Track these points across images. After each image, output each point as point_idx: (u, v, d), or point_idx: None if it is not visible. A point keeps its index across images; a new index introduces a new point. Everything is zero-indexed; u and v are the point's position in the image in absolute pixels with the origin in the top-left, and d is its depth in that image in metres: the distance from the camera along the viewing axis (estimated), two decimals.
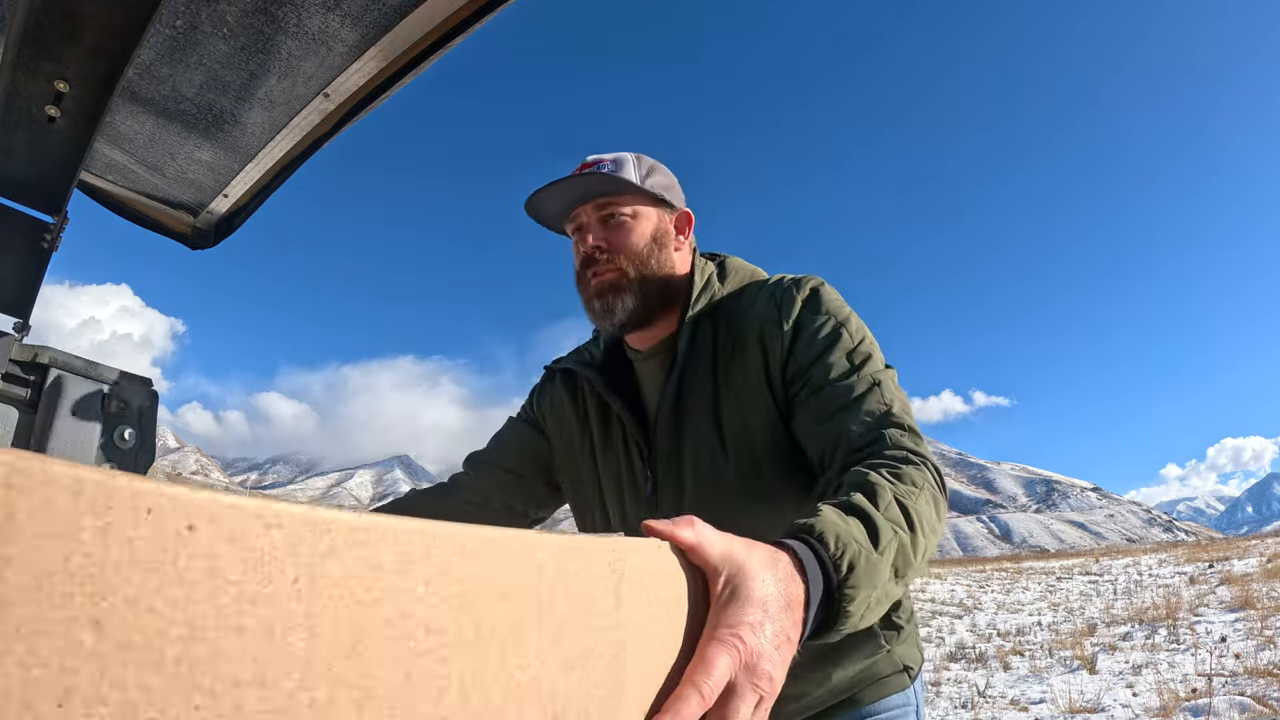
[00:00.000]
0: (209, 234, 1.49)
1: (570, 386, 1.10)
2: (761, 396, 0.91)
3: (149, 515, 0.20)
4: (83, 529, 0.19)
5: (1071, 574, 18.77)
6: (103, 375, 0.97)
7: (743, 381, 0.92)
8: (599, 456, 1.04)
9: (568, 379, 1.11)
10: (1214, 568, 14.34)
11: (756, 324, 0.94)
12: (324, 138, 1.18)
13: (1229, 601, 9.46)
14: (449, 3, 0.94)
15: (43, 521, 0.18)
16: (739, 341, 0.94)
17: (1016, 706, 5.47)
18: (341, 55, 1.01)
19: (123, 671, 0.19)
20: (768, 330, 0.92)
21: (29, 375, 0.94)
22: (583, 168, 1.00)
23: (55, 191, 1.04)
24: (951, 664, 7.46)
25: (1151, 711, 4.91)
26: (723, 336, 0.96)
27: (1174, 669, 6.07)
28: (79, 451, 0.93)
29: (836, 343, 0.89)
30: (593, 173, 0.96)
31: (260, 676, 0.21)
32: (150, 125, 1.17)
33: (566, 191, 0.97)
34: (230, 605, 0.21)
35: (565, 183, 0.96)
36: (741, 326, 0.95)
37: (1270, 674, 5.20)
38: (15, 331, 1.05)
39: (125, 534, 0.19)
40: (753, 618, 0.43)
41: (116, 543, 0.19)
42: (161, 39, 0.96)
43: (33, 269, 1.12)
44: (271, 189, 1.35)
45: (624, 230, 0.98)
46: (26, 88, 0.83)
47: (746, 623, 0.43)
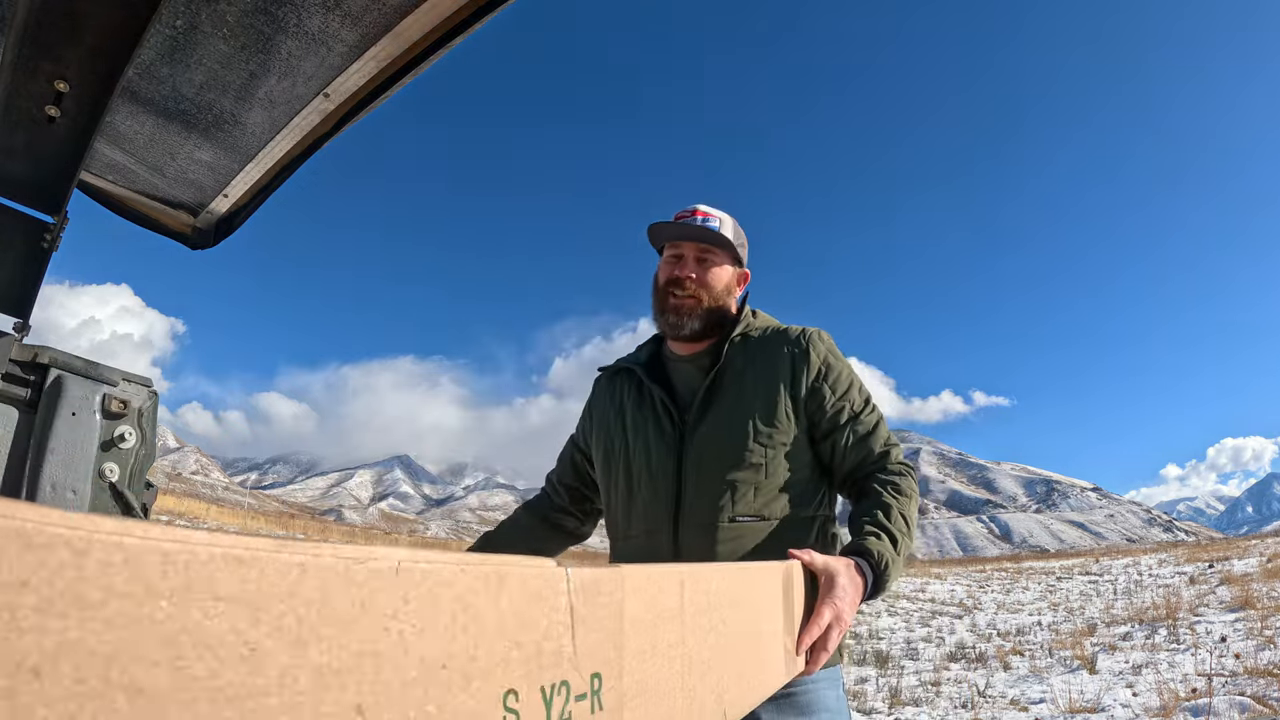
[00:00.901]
0: (209, 234, 1.49)
1: (613, 380, 1.47)
2: (779, 399, 1.26)
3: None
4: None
5: (1071, 574, 18.77)
6: (103, 375, 0.97)
7: (766, 389, 1.26)
8: (629, 427, 1.36)
9: (612, 375, 1.48)
10: (1214, 568, 14.34)
11: (787, 352, 1.30)
12: (324, 138, 1.18)
13: (1229, 601, 9.46)
14: (449, 3, 0.94)
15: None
16: (768, 361, 1.29)
17: (1016, 706, 5.47)
18: (341, 55, 1.01)
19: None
20: (797, 359, 1.29)
21: (29, 375, 0.94)
22: (695, 213, 1.35)
23: (55, 191, 1.04)
24: (951, 664, 7.46)
25: (1151, 711, 4.91)
26: (751, 357, 1.31)
27: (1174, 669, 6.07)
28: (79, 451, 0.93)
29: (851, 386, 1.30)
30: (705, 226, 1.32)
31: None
32: (150, 125, 1.17)
33: (686, 230, 1.32)
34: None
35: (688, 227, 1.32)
36: (772, 353, 1.31)
37: (1270, 674, 5.20)
38: (15, 331, 1.05)
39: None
40: (840, 593, 0.95)
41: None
42: (161, 39, 0.95)
43: (33, 269, 1.12)
44: (271, 189, 1.35)
45: (711, 273, 1.34)
46: (26, 88, 0.83)
47: (837, 595, 0.95)
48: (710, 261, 1.34)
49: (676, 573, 0.55)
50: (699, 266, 1.33)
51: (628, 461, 1.33)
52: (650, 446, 1.30)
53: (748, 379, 1.28)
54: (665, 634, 0.52)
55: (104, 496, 0.96)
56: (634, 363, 1.43)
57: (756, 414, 1.25)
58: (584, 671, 0.42)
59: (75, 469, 0.92)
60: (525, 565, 0.39)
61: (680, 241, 1.34)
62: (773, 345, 1.32)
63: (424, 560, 0.32)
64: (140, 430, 1.00)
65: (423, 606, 0.32)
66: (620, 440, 1.36)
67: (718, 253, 1.34)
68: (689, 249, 1.34)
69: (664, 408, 1.31)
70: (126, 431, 0.98)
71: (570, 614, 0.41)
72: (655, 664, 0.50)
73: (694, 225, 1.32)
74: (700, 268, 1.33)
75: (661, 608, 0.52)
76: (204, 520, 18.38)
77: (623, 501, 1.33)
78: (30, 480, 0.89)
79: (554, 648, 0.40)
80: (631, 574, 0.48)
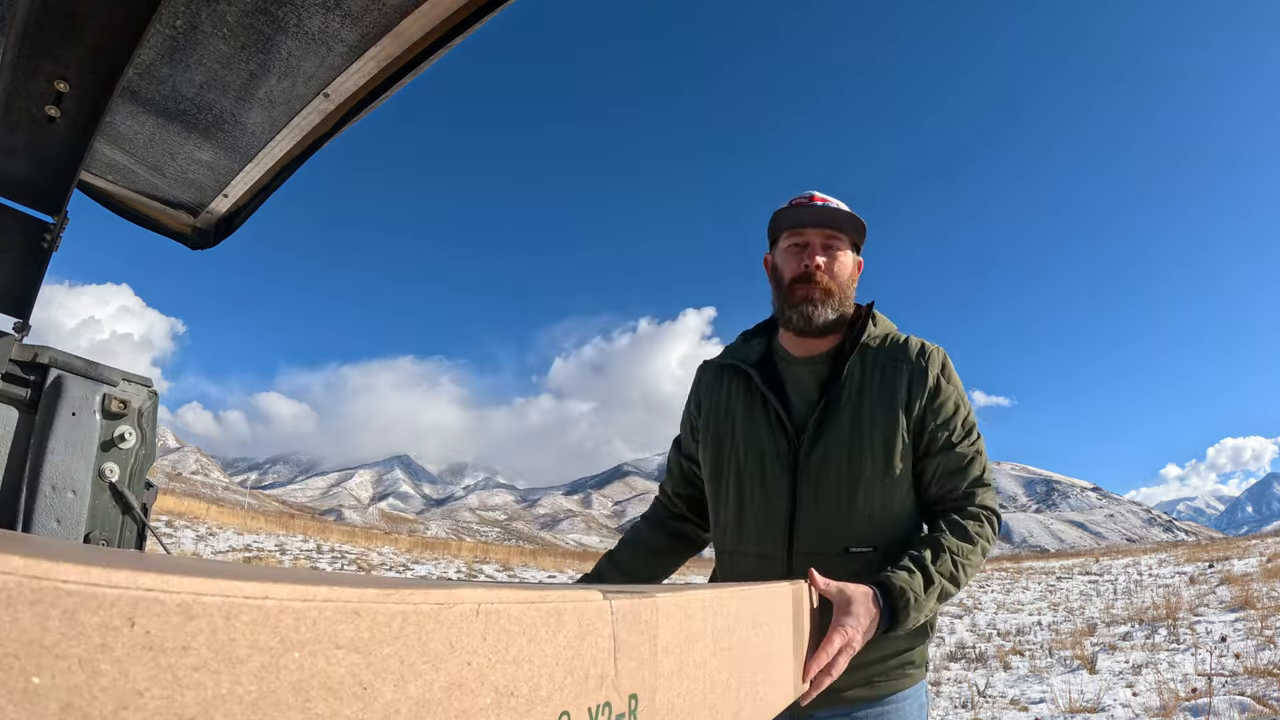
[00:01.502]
0: (209, 234, 1.49)
1: (719, 375, 1.39)
2: (896, 423, 1.19)
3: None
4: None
5: (1071, 574, 18.77)
6: (103, 375, 0.97)
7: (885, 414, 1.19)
8: (739, 433, 1.30)
9: (719, 370, 1.40)
10: (1214, 567, 14.34)
11: (905, 371, 1.22)
12: (324, 138, 1.18)
13: (1229, 601, 9.46)
14: (449, 3, 0.94)
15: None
16: (887, 381, 1.22)
17: (1016, 706, 5.47)
18: (341, 55, 1.01)
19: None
20: (914, 379, 1.21)
21: (29, 375, 0.94)
22: (814, 199, 1.27)
23: (55, 191, 1.04)
24: (951, 664, 7.46)
25: (1151, 711, 4.91)
26: (869, 372, 1.23)
27: (1174, 669, 6.07)
28: (79, 451, 0.93)
29: (957, 412, 1.21)
30: (831, 211, 1.24)
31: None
32: (150, 125, 1.17)
33: (809, 215, 1.25)
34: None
35: (816, 208, 1.24)
36: (892, 370, 1.23)
37: (1270, 674, 5.20)
38: (15, 331, 1.05)
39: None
40: (852, 621, 0.96)
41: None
42: (161, 39, 0.95)
43: (33, 269, 1.12)
44: (271, 189, 1.35)
45: (838, 262, 1.26)
46: (26, 88, 0.83)
47: (850, 622, 0.96)
48: (835, 248, 1.26)
49: (700, 599, 0.60)
50: (825, 254, 1.25)
51: (739, 472, 1.28)
52: (764, 460, 1.24)
53: (865, 399, 1.21)
54: (691, 656, 0.57)
55: (104, 496, 0.96)
56: (745, 362, 1.34)
57: (875, 440, 1.18)
58: (624, 693, 0.47)
59: (75, 469, 0.92)
60: (579, 601, 0.44)
61: (804, 228, 1.26)
62: (892, 361, 1.24)
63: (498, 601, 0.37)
64: (140, 430, 1.00)
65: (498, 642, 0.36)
66: (730, 446, 1.30)
67: (841, 238, 1.27)
68: (814, 235, 1.26)
69: (778, 419, 1.25)
70: (126, 431, 0.98)
71: (614, 641, 0.46)
72: (683, 684, 0.55)
73: (816, 209, 1.25)
74: (827, 255, 1.25)
75: (688, 631, 0.57)
76: (203, 520, 18.39)
77: (733, 515, 1.28)
78: (30, 480, 0.89)
79: (599, 672, 0.45)
80: (664, 603, 0.53)
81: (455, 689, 0.34)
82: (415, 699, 0.31)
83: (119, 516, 0.97)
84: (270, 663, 0.26)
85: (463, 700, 0.34)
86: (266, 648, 0.26)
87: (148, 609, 0.22)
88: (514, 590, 0.39)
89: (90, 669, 0.21)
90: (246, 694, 0.25)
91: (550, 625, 0.40)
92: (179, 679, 0.23)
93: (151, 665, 0.23)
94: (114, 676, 0.22)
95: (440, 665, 0.33)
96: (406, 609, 0.32)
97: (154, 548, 1.95)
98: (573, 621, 0.42)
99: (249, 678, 0.25)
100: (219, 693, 0.24)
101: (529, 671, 0.38)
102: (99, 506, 0.95)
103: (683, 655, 0.55)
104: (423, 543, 25.44)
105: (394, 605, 0.31)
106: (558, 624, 0.41)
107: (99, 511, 0.95)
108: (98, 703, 0.21)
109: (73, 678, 0.21)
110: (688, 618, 0.57)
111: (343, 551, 17.15)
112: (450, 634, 0.34)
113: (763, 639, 0.74)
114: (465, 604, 0.35)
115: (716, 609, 0.62)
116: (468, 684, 0.34)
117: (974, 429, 1.23)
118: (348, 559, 15.91)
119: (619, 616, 0.47)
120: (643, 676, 0.49)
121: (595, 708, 0.43)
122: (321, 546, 17.49)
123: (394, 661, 0.31)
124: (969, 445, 1.21)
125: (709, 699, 0.59)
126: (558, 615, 0.41)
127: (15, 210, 1.06)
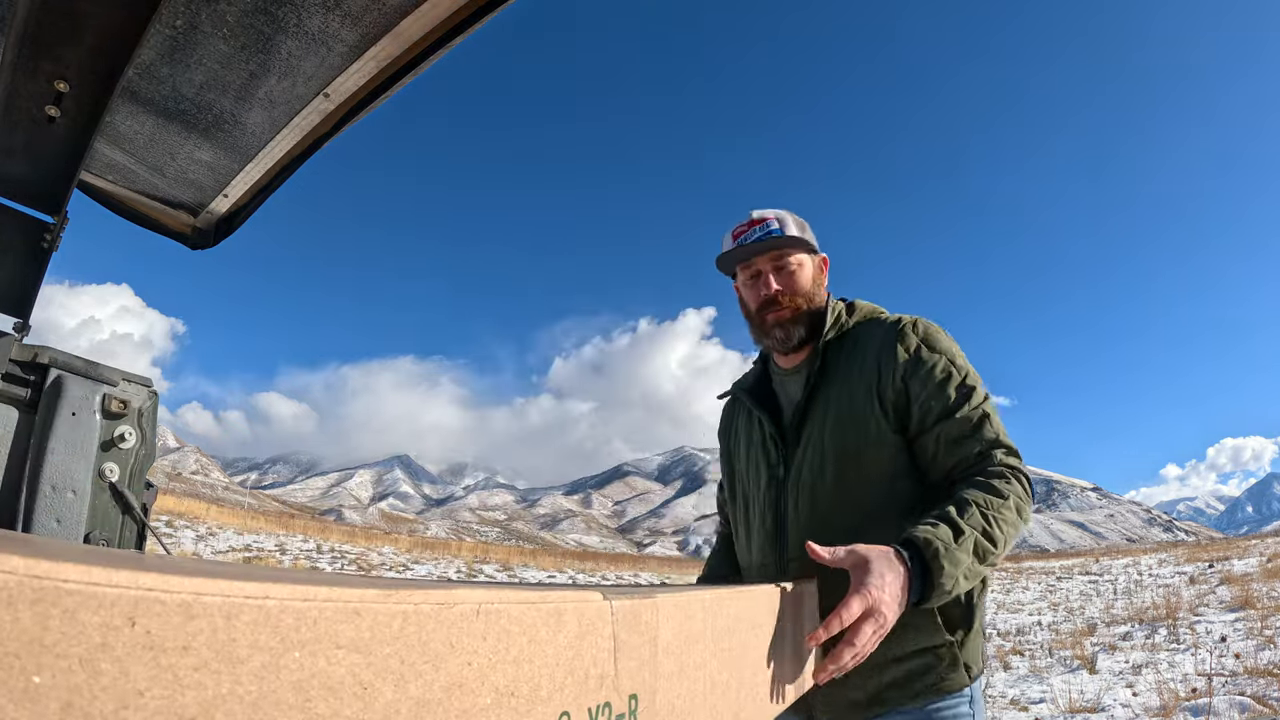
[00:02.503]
0: (209, 234, 1.49)
1: (731, 407, 1.47)
2: (870, 409, 1.14)
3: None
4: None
5: (1071, 574, 18.77)
6: (103, 375, 0.97)
7: (859, 396, 1.16)
8: (742, 453, 1.34)
9: (731, 403, 1.47)
10: (1214, 568, 14.34)
11: (874, 350, 1.18)
12: (324, 138, 1.18)
13: (1229, 601, 9.47)
14: (449, 3, 0.94)
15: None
16: (860, 364, 1.18)
17: (1016, 706, 5.47)
18: (341, 55, 1.01)
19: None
20: (884, 356, 1.16)
21: (29, 375, 0.94)
22: (753, 224, 1.27)
23: (55, 191, 1.04)
24: None
25: (1151, 711, 4.91)
26: (846, 359, 1.21)
27: (1174, 669, 6.08)
28: (79, 451, 0.93)
29: (950, 378, 1.12)
30: (768, 233, 1.25)
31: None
32: (150, 125, 1.17)
33: (751, 247, 1.25)
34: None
35: (750, 245, 1.24)
36: (863, 352, 1.20)
37: (1270, 674, 5.20)
38: (15, 331, 1.05)
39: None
40: (876, 580, 0.81)
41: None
42: (161, 39, 0.95)
43: (33, 269, 1.12)
44: (271, 189, 1.35)
45: (794, 277, 1.26)
46: (26, 88, 0.83)
47: (873, 583, 0.81)
48: (788, 265, 1.26)
49: (700, 599, 0.61)
50: (780, 276, 1.26)
51: (744, 492, 1.31)
52: (760, 475, 1.27)
53: (837, 392, 1.18)
54: (692, 656, 0.57)
55: (104, 496, 0.96)
56: (741, 388, 1.39)
57: (849, 433, 1.13)
58: (624, 693, 0.47)
59: (75, 469, 0.92)
60: (579, 601, 0.44)
61: (751, 260, 1.28)
62: (865, 343, 1.21)
63: (499, 601, 0.37)
64: (140, 430, 1.00)
65: (498, 642, 0.37)
66: (739, 469, 1.35)
67: (791, 252, 1.26)
68: (763, 263, 1.27)
69: (765, 432, 1.28)
70: (126, 431, 0.98)
71: (614, 641, 0.47)
72: (683, 685, 0.55)
73: (755, 238, 1.25)
74: (782, 276, 1.26)
75: (689, 632, 0.57)
76: (203, 520, 18.39)
77: (743, 532, 1.31)
78: (30, 480, 0.89)
79: (599, 673, 0.45)
80: (664, 603, 0.54)
81: (455, 689, 0.34)
82: (415, 699, 0.31)
83: (119, 516, 0.97)
84: (271, 662, 0.26)
85: (463, 700, 0.34)
86: (267, 648, 0.26)
87: (148, 609, 0.23)
88: (514, 590, 0.39)
89: (91, 668, 0.21)
90: (247, 694, 0.25)
91: (550, 625, 0.40)
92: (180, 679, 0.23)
93: (152, 665, 0.23)
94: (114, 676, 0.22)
95: (440, 665, 0.33)
96: (407, 609, 0.32)
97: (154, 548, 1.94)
98: (573, 622, 0.42)
99: (249, 677, 0.25)
100: (219, 692, 0.24)
101: (529, 672, 0.38)
102: (99, 506, 0.95)
103: (683, 656, 0.55)
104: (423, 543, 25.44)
105: (394, 605, 0.31)
106: (558, 624, 0.41)
107: (99, 511, 0.95)
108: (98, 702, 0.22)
109: (73, 677, 0.21)
110: (688, 618, 0.57)
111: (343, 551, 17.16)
112: (450, 634, 0.34)
113: (763, 639, 0.75)
114: (466, 604, 0.35)
115: (717, 610, 0.63)
116: (468, 684, 0.34)
117: (975, 391, 1.12)
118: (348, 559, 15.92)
119: (619, 617, 0.47)
120: (643, 677, 0.49)
121: (595, 708, 0.44)
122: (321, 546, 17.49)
123: (394, 661, 0.31)
124: (971, 408, 1.09)
125: (709, 700, 0.59)
126: (558, 615, 0.41)
127: (15, 210, 1.06)
